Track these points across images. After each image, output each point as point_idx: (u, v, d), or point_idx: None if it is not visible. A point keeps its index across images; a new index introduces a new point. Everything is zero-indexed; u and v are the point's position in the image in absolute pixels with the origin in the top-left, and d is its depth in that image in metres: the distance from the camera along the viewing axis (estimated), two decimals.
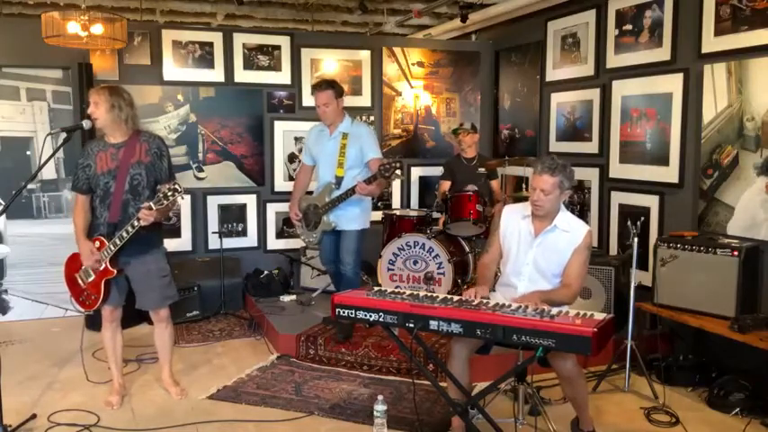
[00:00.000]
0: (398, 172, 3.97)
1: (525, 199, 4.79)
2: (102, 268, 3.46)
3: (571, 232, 3.06)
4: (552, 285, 3.08)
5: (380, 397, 3.16)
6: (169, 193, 3.23)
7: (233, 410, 3.58)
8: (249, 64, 5.80)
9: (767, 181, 3.77)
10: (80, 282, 3.57)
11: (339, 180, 4.27)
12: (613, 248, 4.98)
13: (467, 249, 5.19)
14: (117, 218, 3.42)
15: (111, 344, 3.68)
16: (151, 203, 3.25)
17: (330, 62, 6.05)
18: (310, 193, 4.57)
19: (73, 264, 3.59)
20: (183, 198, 3.32)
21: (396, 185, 6.34)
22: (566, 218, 3.11)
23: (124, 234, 3.34)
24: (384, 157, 4.42)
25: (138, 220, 3.29)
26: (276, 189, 5.95)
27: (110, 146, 3.47)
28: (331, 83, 4.29)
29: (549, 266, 3.08)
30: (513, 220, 3.21)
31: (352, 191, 4.12)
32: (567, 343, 2.45)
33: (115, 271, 3.46)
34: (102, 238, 3.43)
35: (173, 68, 5.58)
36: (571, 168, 3.07)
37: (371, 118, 6.22)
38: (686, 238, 3.96)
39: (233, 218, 5.87)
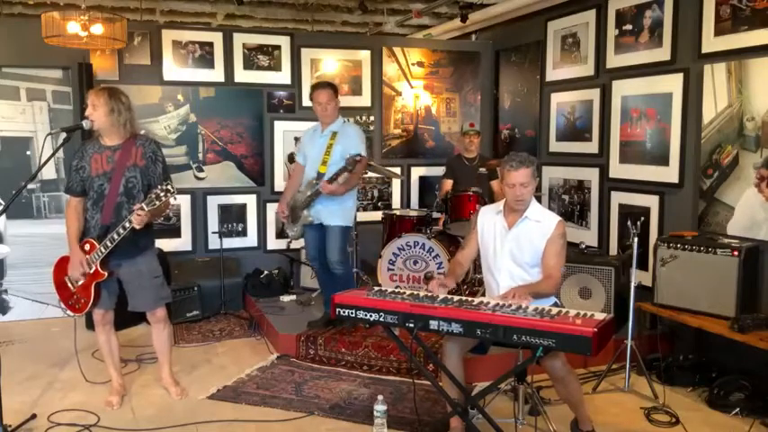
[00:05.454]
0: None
1: None
2: (92, 271, 3.44)
3: (542, 222, 3.14)
4: (530, 276, 3.13)
5: (380, 397, 3.17)
6: (161, 194, 3.21)
7: (233, 410, 3.58)
8: (249, 64, 5.80)
9: (755, 182, 3.78)
10: (69, 285, 3.53)
11: (320, 176, 4.31)
12: (613, 248, 4.97)
13: None
14: (110, 220, 3.41)
15: (107, 347, 3.68)
16: (143, 204, 3.24)
17: (330, 62, 6.05)
18: None
19: (62, 267, 3.54)
20: (175, 198, 3.31)
21: (396, 185, 6.33)
22: (536, 209, 3.19)
23: (115, 236, 3.32)
24: (384, 157, 4.45)
25: (130, 222, 3.27)
26: (276, 189, 5.94)
27: (105, 148, 3.45)
28: (330, 83, 4.46)
29: (524, 257, 3.14)
30: (488, 217, 3.29)
31: (318, 192, 4.23)
32: (568, 343, 2.45)
33: (106, 274, 3.43)
34: (93, 241, 3.41)
35: (173, 68, 5.58)
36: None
37: (371, 118, 6.22)
38: (686, 238, 3.96)
39: (233, 218, 5.87)
